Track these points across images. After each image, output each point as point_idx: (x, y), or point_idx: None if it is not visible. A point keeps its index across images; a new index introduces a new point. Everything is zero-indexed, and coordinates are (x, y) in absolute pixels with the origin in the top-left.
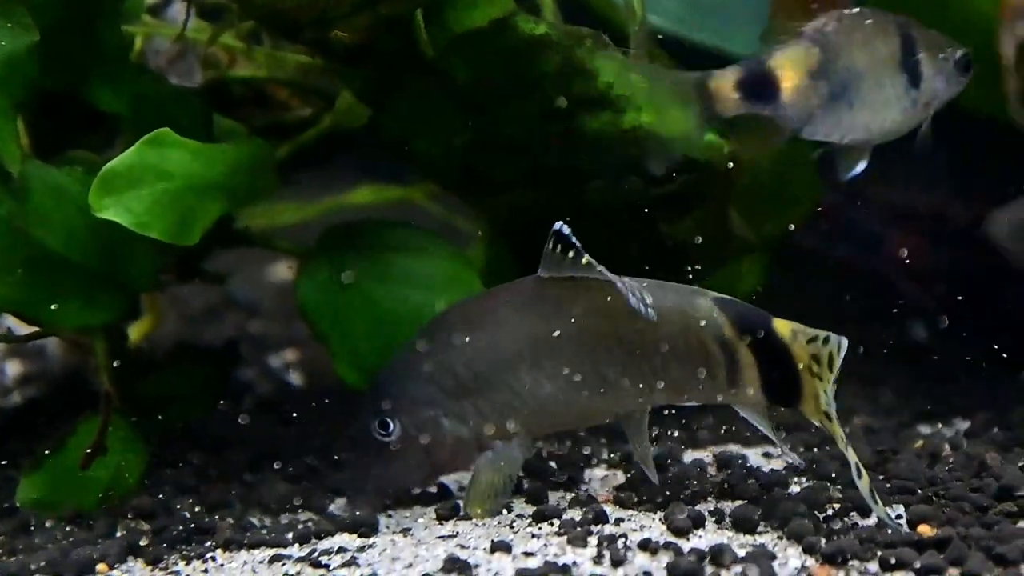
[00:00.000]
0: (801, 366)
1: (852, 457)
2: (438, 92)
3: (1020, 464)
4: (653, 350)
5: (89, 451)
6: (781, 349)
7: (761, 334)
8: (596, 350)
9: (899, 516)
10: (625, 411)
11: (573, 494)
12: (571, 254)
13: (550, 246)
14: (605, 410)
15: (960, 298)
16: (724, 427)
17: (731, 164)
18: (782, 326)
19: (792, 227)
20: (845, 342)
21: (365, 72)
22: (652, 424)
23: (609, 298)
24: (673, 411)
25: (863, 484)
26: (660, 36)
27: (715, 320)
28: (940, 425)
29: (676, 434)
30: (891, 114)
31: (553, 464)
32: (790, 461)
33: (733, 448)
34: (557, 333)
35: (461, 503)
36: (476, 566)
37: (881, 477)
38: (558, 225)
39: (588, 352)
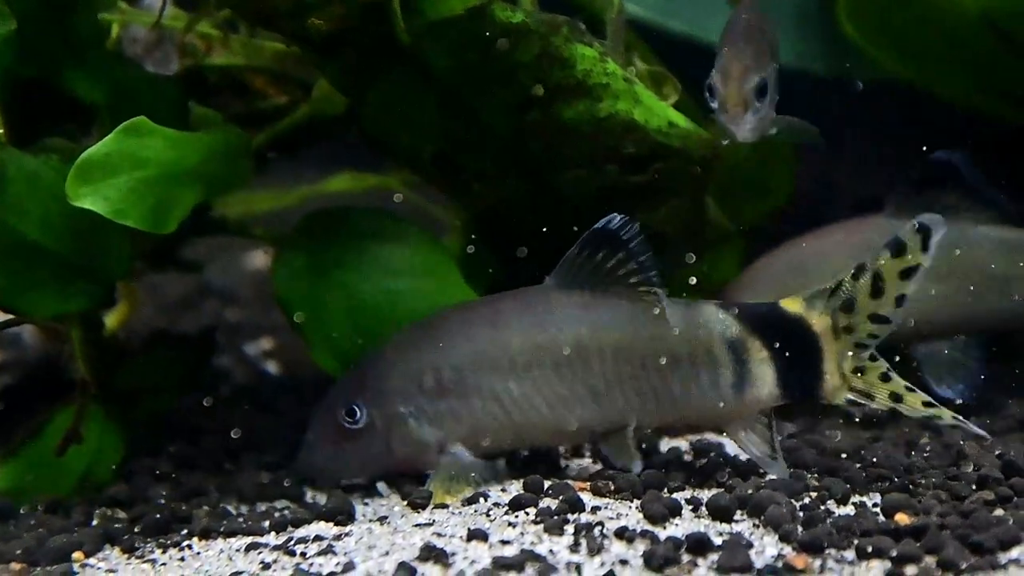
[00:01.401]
0: (822, 332)
1: (918, 399)
2: (415, 80)
3: (997, 452)
4: (656, 362)
5: (65, 438)
6: (796, 325)
7: (771, 321)
8: (593, 364)
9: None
10: (614, 428)
11: (550, 482)
12: (601, 255)
13: (576, 249)
14: (593, 426)
15: None
16: None
17: (708, 153)
18: (791, 303)
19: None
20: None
21: (342, 60)
22: None
23: (616, 310)
24: None
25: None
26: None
27: (721, 321)
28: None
29: None
30: None
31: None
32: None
33: (710, 436)
34: (554, 346)
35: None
36: (453, 554)
37: (858, 465)
38: (604, 221)
39: (584, 367)
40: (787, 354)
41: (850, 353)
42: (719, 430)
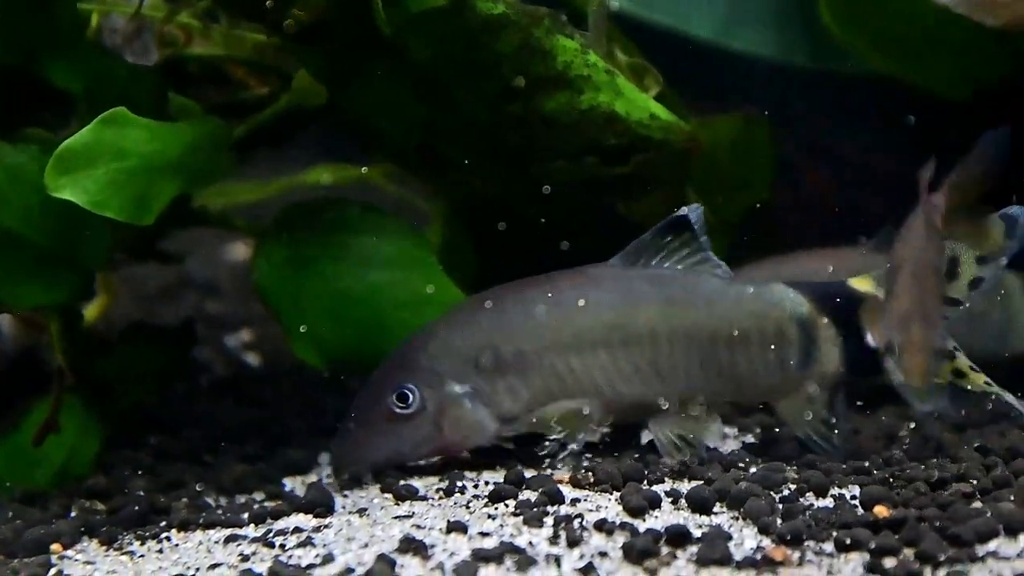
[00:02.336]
0: None
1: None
2: (396, 72)
3: (976, 445)
4: (725, 341)
5: (42, 427)
6: (865, 303)
7: (840, 300)
8: (657, 342)
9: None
10: (680, 401)
11: (530, 474)
12: (670, 239)
13: (649, 235)
14: (656, 401)
15: None
16: None
17: (688, 145)
18: (861, 282)
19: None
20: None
21: (323, 51)
22: None
23: (679, 289)
24: None
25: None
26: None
27: (792, 300)
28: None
29: None
30: None
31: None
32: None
33: None
34: (618, 323)
35: (417, 484)
36: (432, 546)
37: None
38: (684, 211)
39: (648, 344)
40: (855, 332)
41: None
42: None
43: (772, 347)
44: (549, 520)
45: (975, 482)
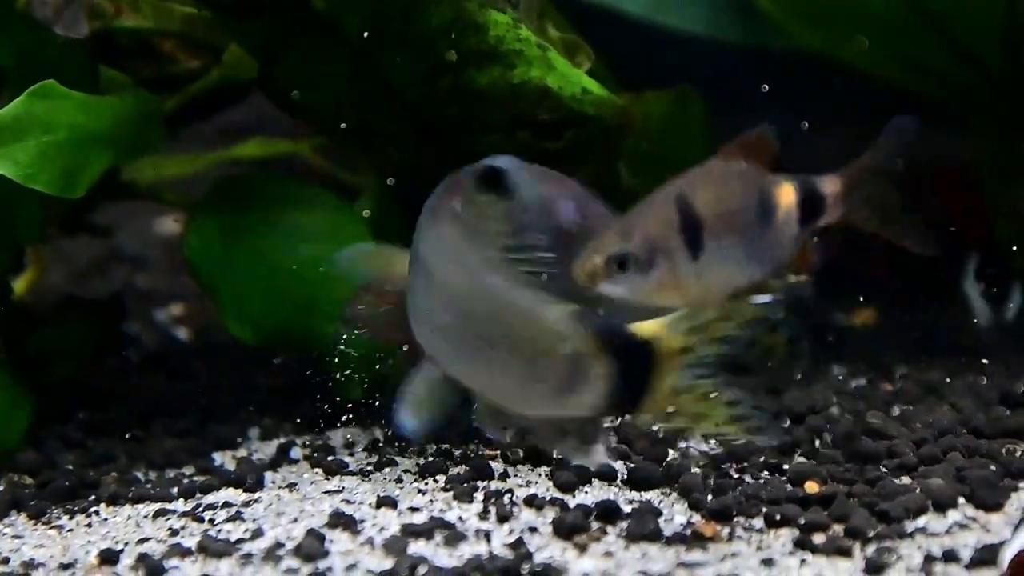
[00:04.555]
0: (667, 354)
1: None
2: (328, 46)
3: (903, 420)
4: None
5: None
6: (640, 348)
7: (619, 341)
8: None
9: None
10: None
11: (460, 450)
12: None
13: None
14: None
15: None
16: None
17: (621, 120)
18: (648, 328)
19: None
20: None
21: (254, 25)
22: None
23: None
24: None
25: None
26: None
27: (571, 336)
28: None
29: None
30: None
31: None
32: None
33: None
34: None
35: (347, 459)
36: (362, 521)
37: None
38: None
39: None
40: (625, 375)
41: (678, 373)
42: None
43: (538, 364)
44: (479, 495)
45: (904, 458)
